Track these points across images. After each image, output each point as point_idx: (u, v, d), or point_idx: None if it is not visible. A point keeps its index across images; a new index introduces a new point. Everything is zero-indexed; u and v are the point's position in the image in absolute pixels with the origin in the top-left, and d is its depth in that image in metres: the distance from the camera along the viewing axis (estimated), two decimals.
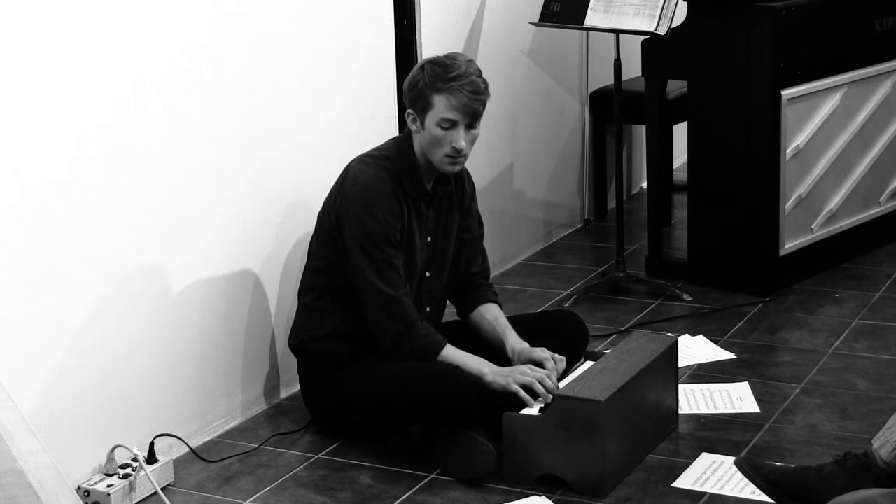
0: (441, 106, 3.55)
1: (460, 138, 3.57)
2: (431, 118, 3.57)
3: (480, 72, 3.60)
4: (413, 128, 3.63)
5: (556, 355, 3.64)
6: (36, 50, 3.21)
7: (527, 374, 3.54)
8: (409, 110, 3.62)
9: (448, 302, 3.95)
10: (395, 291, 3.58)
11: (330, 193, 3.73)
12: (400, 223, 3.61)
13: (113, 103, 3.44)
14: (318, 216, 3.76)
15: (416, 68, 3.63)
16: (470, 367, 3.58)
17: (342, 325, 3.70)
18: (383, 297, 3.58)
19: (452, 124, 3.56)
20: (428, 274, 3.76)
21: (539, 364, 3.61)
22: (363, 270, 3.58)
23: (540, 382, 3.51)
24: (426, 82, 3.56)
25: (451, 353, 3.60)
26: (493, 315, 3.82)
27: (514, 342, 3.71)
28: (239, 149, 3.86)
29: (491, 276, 3.97)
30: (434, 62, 3.59)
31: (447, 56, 3.61)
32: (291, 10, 3.99)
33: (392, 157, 3.66)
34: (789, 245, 4.88)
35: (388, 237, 3.58)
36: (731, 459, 3.49)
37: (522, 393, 3.50)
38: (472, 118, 3.58)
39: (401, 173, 3.64)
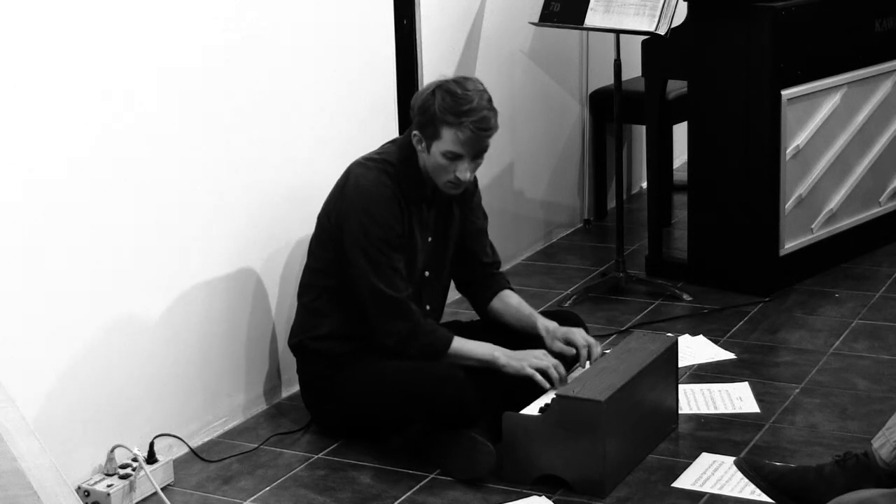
0: (448, 139, 3.54)
1: (465, 170, 3.58)
2: (438, 147, 3.56)
3: (491, 101, 3.58)
4: (419, 148, 3.61)
5: (592, 340, 3.68)
6: (42, 50, 3.21)
7: (541, 358, 3.57)
8: (416, 132, 3.60)
9: (461, 297, 3.97)
10: (399, 294, 3.58)
11: (330, 195, 3.73)
12: (401, 227, 3.62)
13: (114, 106, 3.43)
14: (318, 217, 3.76)
15: (427, 92, 3.58)
16: (481, 353, 3.61)
17: (341, 324, 3.70)
18: (387, 301, 3.58)
19: (458, 157, 3.56)
20: (427, 273, 3.76)
21: (572, 343, 3.65)
22: (366, 274, 3.58)
23: (555, 369, 3.54)
24: (436, 112, 3.53)
25: (460, 344, 3.62)
26: (515, 300, 3.84)
27: (546, 322, 3.74)
28: (239, 150, 3.85)
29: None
30: (446, 90, 3.54)
31: (459, 84, 3.57)
32: (291, 11, 3.99)
33: (393, 162, 3.65)
34: (789, 245, 4.88)
35: (390, 241, 3.58)
36: (731, 459, 3.49)
37: (538, 376, 3.53)
38: (479, 153, 3.59)
39: (402, 177, 3.64)
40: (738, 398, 3.96)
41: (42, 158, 3.25)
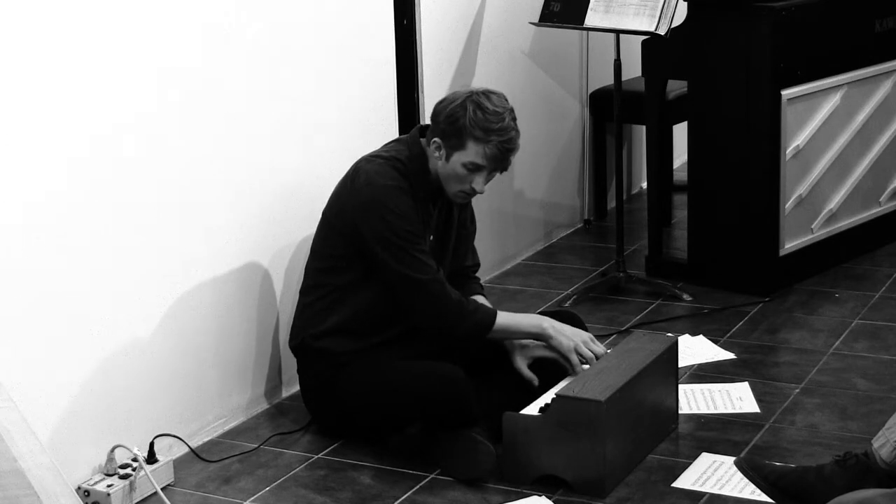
0: (474, 152, 3.57)
1: (482, 183, 3.63)
2: (460, 157, 3.58)
3: (516, 119, 3.62)
4: (435, 154, 3.63)
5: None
6: (48, 47, 3.21)
7: (590, 346, 3.67)
8: (437, 139, 3.61)
9: None
10: (430, 275, 3.60)
11: (336, 193, 3.73)
12: (417, 217, 3.63)
13: (119, 105, 3.43)
14: (323, 213, 3.75)
15: (457, 102, 3.59)
16: (528, 326, 3.70)
17: (345, 321, 3.69)
18: (421, 285, 3.59)
19: (478, 168, 3.59)
20: None
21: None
22: (392, 266, 3.58)
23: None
24: (466, 124, 3.55)
25: (505, 319, 3.68)
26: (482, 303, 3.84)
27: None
28: (240, 149, 3.85)
29: (491, 276, 3.98)
30: (479, 105, 3.56)
31: (489, 99, 3.59)
32: (292, 12, 3.99)
33: (402, 160, 3.66)
34: (789, 245, 4.88)
35: (412, 230, 3.59)
36: (731, 459, 3.49)
37: (577, 366, 3.63)
38: (501, 169, 3.64)
39: (411, 175, 3.64)
40: (738, 398, 3.96)
41: (46, 157, 3.25)
